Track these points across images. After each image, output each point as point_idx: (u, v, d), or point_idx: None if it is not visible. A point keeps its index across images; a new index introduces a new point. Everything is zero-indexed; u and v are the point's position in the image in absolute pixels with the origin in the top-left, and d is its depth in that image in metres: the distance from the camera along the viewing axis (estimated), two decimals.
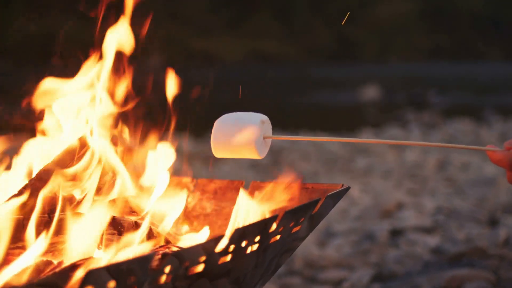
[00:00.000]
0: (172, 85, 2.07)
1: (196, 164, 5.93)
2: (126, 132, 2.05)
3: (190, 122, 2.12)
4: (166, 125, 2.09)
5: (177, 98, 2.08)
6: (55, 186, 1.79)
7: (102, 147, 1.94)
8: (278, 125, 9.87)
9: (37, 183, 1.81)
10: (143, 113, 2.09)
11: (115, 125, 2.04)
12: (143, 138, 2.07)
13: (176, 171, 2.13)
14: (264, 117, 1.84)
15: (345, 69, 27.21)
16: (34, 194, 1.78)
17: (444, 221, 4.44)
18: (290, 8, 32.93)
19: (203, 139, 7.22)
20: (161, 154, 2.02)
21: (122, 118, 2.06)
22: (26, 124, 2.00)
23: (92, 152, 1.90)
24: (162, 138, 2.06)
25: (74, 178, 1.85)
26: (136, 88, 2.09)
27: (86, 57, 2.07)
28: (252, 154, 1.81)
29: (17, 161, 1.97)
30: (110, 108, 2.04)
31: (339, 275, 3.58)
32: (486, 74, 25.47)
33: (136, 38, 2.09)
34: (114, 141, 1.97)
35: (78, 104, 2.02)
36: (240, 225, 1.87)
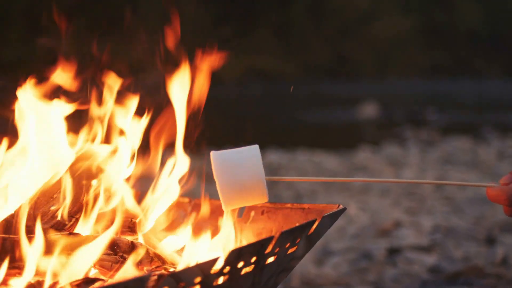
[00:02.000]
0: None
1: (192, 182, 5.90)
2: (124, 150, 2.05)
3: (189, 139, 2.12)
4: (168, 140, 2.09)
5: (175, 114, 2.08)
6: (51, 204, 1.79)
7: (100, 166, 1.94)
8: (277, 142, 9.81)
9: (32, 203, 1.81)
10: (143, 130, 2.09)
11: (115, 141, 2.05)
12: (144, 155, 2.07)
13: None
14: (257, 149, 1.85)
15: (343, 86, 27.25)
16: (29, 214, 1.78)
17: (442, 240, 4.44)
18: (288, 26, 33.00)
19: (200, 155, 7.22)
20: (163, 175, 2.02)
21: (120, 133, 2.06)
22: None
23: (89, 171, 1.90)
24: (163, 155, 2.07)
25: (70, 197, 1.85)
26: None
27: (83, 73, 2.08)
28: (262, 199, 1.83)
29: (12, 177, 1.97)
30: (108, 123, 2.05)
31: None
32: (485, 91, 25.51)
33: (135, 54, 2.10)
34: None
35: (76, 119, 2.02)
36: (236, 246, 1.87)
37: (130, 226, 1.90)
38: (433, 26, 35.19)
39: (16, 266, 1.70)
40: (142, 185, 2.02)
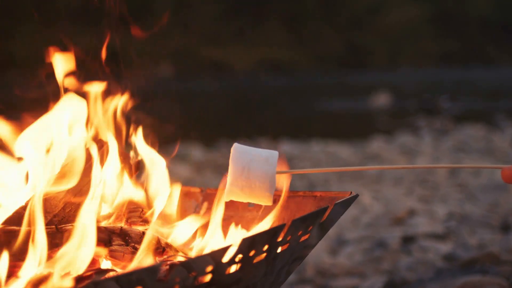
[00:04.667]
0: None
1: (206, 173, 5.91)
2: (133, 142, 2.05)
3: (201, 131, 2.12)
4: (176, 134, 2.09)
5: (186, 107, 2.08)
6: (62, 197, 1.79)
7: (109, 156, 1.94)
8: (290, 133, 9.81)
9: (43, 195, 1.81)
10: (152, 122, 2.09)
11: (122, 135, 2.04)
12: (153, 147, 2.07)
13: (187, 181, 2.13)
14: (276, 156, 1.84)
15: (356, 76, 27.19)
16: (40, 206, 1.77)
17: (456, 227, 4.42)
18: (300, 16, 32.95)
19: (213, 148, 7.21)
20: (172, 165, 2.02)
21: (131, 126, 2.06)
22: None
23: (98, 162, 1.90)
24: (173, 148, 2.06)
25: (80, 189, 1.84)
26: (147, 98, 2.10)
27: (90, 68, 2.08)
28: (267, 201, 1.82)
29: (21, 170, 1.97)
30: (116, 117, 2.05)
31: (351, 283, 3.57)
32: (497, 79, 25.40)
33: (147, 47, 2.10)
34: (122, 152, 1.96)
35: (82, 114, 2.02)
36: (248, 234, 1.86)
37: (142, 216, 1.90)
38: (444, 14, 35.05)
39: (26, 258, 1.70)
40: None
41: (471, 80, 24.65)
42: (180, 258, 1.78)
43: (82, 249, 1.65)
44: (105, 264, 1.73)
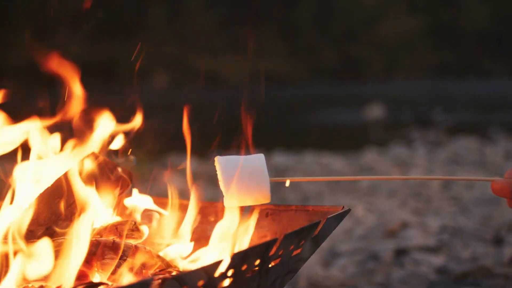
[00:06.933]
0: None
1: (200, 185, 5.88)
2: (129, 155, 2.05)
3: (194, 142, 2.13)
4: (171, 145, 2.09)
5: (181, 118, 2.09)
6: (53, 208, 1.79)
7: (101, 168, 1.94)
8: (284, 144, 9.79)
9: (37, 206, 1.81)
10: (148, 134, 2.09)
11: (117, 146, 2.05)
12: (148, 158, 2.07)
13: (180, 193, 2.13)
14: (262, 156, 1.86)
15: (350, 87, 27.22)
16: (32, 217, 1.78)
17: (449, 240, 4.43)
18: (294, 28, 33.00)
19: (207, 159, 7.20)
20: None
21: (125, 138, 2.07)
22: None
23: (91, 174, 1.90)
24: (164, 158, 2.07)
25: (71, 202, 1.85)
26: (142, 109, 2.10)
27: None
28: (265, 198, 1.83)
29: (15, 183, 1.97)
30: (110, 129, 2.05)
31: None
32: (492, 91, 25.46)
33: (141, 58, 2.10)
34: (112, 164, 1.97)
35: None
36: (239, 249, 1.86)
37: (134, 229, 1.90)
38: (440, 26, 35.15)
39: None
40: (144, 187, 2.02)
41: (466, 92, 24.69)
42: (172, 272, 1.78)
43: (73, 263, 1.65)
44: (97, 277, 1.73)
